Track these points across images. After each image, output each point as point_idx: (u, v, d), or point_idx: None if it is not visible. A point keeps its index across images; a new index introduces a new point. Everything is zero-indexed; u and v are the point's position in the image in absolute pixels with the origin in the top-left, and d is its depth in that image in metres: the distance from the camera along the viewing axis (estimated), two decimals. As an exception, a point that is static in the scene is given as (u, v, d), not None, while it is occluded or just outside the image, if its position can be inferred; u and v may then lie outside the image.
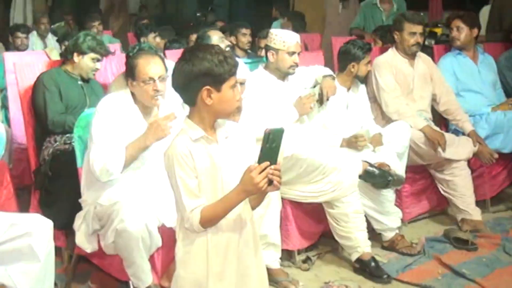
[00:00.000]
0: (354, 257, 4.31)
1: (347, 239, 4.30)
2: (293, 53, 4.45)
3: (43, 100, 4.55)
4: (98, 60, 4.72)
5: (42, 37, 9.49)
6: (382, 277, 4.22)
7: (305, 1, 10.37)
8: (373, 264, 4.26)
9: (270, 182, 2.35)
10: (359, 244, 4.28)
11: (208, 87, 2.46)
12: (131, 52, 3.98)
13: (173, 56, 4.92)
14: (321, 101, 4.64)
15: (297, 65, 4.50)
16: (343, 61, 5.01)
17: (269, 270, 3.77)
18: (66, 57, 4.78)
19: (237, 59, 4.04)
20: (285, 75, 4.55)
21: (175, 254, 2.63)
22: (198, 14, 13.13)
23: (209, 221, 2.45)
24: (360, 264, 4.29)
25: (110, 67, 5.30)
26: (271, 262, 4.05)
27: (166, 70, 3.78)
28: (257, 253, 2.65)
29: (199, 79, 2.46)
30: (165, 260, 3.70)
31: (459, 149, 5.07)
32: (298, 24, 8.33)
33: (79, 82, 4.70)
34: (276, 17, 9.44)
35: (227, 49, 4.18)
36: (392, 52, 5.44)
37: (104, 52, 4.74)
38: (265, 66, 4.59)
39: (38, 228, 3.17)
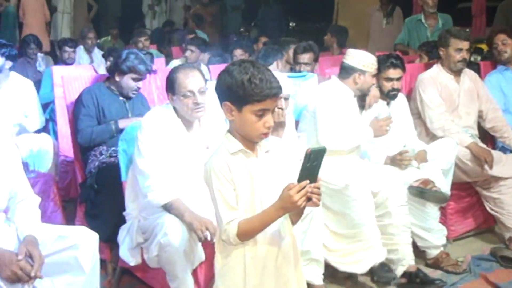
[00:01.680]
0: (399, 271, 4.31)
1: (393, 252, 4.31)
2: (374, 75, 4.57)
3: (77, 114, 4.65)
4: (139, 80, 4.78)
5: (88, 51, 9.66)
6: (435, 282, 4.25)
7: (349, 16, 10.39)
8: (421, 274, 4.28)
9: (309, 199, 2.38)
10: (405, 257, 4.30)
11: (227, 102, 2.50)
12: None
13: (216, 70, 4.98)
14: (364, 107, 4.68)
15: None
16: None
17: (311, 286, 3.82)
18: (110, 73, 4.87)
19: (282, 73, 4.13)
20: (363, 95, 4.62)
21: (215, 267, 2.65)
22: (241, 29, 13.27)
23: (246, 234, 2.48)
24: (408, 277, 4.29)
25: (155, 81, 5.34)
26: (314, 278, 4.02)
27: (205, 83, 3.83)
28: (297, 267, 2.66)
29: (223, 92, 2.51)
30: (208, 275, 3.68)
31: (506, 166, 5.01)
32: (341, 39, 8.37)
33: (121, 98, 4.79)
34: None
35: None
36: (437, 68, 5.43)
37: (144, 72, 4.80)
38: (339, 78, 4.59)
39: (84, 241, 3.21)
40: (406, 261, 4.31)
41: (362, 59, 4.46)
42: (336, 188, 4.24)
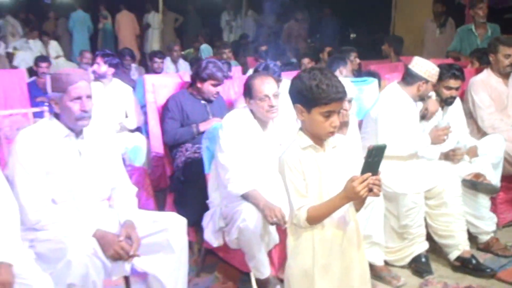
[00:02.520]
0: (454, 255, 4.28)
1: (449, 238, 4.30)
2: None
3: (164, 117, 4.76)
4: (217, 85, 4.83)
5: (174, 62, 9.83)
6: (486, 271, 4.20)
7: (405, 27, 10.28)
8: (474, 260, 4.24)
9: (370, 190, 2.41)
10: (460, 243, 4.26)
11: (299, 105, 2.54)
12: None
13: (288, 76, 5.01)
14: (424, 117, 4.63)
15: None
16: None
17: (373, 267, 3.82)
18: (192, 80, 4.93)
19: (345, 79, 4.15)
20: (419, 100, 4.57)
21: (287, 248, 2.69)
22: (309, 41, 13.26)
23: (314, 219, 2.51)
24: (462, 261, 4.26)
25: (233, 87, 5.39)
26: (375, 259, 4.03)
27: (278, 87, 3.87)
28: (359, 249, 2.67)
29: (295, 95, 2.55)
30: (281, 255, 3.70)
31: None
32: (398, 48, 8.32)
33: (202, 102, 4.84)
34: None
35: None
36: (487, 73, 5.40)
37: (222, 78, 4.85)
38: (402, 84, 4.50)
39: (174, 225, 3.28)
40: (461, 246, 4.27)
41: (428, 70, 4.37)
42: (393, 193, 4.21)
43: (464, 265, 4.26)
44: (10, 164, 3.24)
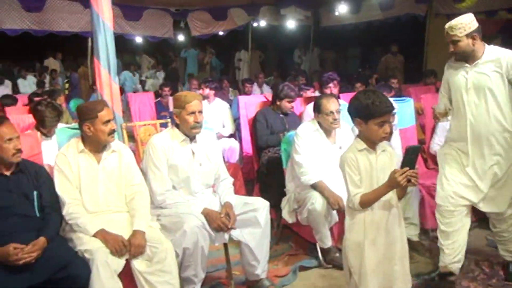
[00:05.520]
0: None
1: None
2: None
3: (256, 127, 4.75)
4: (292, 101, 4.80)
5: (260, 86, 9.89)
6: None
7: (436, 58, 9.89)
8: None
9: (409, 181, 2.37)
10: None
11: (358, 119, 2.51)
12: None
13: (345, 97, 4.94)
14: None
15: None
16: None
17: (410, 242, 3.69)
18: (273, 99, 4.92)
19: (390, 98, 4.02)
20: None
21: (345, 224, 2.65)
22: (359, 70, 13.07)
23: (365, 203, 2.48)
24: None
25: (305, 105, 5.36)
26: (413, 236, 3.91)
27: (339, 105, 3.82)
28: (400, 227, 2.60)
29: (354, 112, 2.52)
30: (340, 230, 3.65)
31: None
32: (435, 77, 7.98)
33: (281, 115, 4.81)
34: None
35: None
36: None
37: (295, 97, 4.81)
38: None
39: (261, 206, 3.28)
40: None
41: None
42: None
43: None
44: (144, 160, 3.33)
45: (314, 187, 3.65)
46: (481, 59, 3.13)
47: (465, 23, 3.08)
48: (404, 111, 4.75)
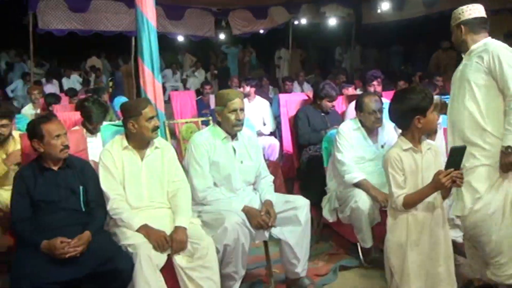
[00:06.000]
0: None
1: None
2: None
3: (297, 125, 4.73)
4: (332, 101, 4.76)
5: (300, 84, 9.86)
6: None
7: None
8: None
9: (454, 182, 2.35)
10: None
11: (418, 116, 2.47)
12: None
13: (388, 96, 4.86)
14: None
15: None
16: None
17: (455, 244, 3.62)
18: (313, 98, 4.90)
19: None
20: None
21: (387, 225, 2.63)
22: (402, 67, 12.84)
23: (409, 204, 2.47)
24: None
25: (346, 103, 5.30)
26: (457, 238, 3.79)
27: (382, 104, 3.77)
28: (444, 228, 2.58)
29: (411, 112, 2.48)
30: (381, 231, 3.46)
31: None
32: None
33: (322, 114, 4.78)
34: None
35: None
36: None
37: (335, 96, 4.78)
38: None
39: (301, 204, 3.25)
40: None
41: None
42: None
43: None
44: (186, 157, 3.37)
45: (358, 185, 3.61)
46: (472, 51, 2.98)
47: (456, 13, 3.01)
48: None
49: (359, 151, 3.74)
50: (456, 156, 2.35)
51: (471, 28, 2.98)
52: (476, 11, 2.99)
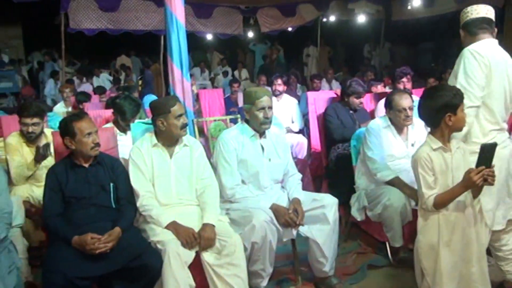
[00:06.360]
0: None
1: None
2: None
3: (329, 121, 4.68)
4: (360, 97, 4.72)
5: (329, 82, 9.80)
6: None
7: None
8: None
9: (485, 180, 2.31)
10: None
11: (449, 113, 2.43)
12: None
13: (418, 93, 4.79)
14: None
15: None
16: None
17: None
18: (341, 95, 4.87)
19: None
20: None
21: (417, 226, 2.59)
22: (432, 64, 12.64)
23: (440, 204, 2.44)
24: None
25: (374, 100, 5.25)
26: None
27: (412, 101, 3.71)
28: (476, 228, 2.53)
29: (442, 109, 2.44)
30: (411, 231, 3.46)
31: None
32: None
33: (350, 111, 4.75)
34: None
35: None
36: None
37: (362, 93, 4.73)
38: None
39: (329, 203, 3.23)
40: None
41: None
42: None
43: None
44: (215, 154, 3.38)
45: (391, 183, 3.56)
46: None
47: (461, 15, 2.97)
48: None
49: (389, 149, 3.69)
50: (486, 153, 2.30)
51: (468, 30, 2.95)
52: (475, 12, 2.92)
